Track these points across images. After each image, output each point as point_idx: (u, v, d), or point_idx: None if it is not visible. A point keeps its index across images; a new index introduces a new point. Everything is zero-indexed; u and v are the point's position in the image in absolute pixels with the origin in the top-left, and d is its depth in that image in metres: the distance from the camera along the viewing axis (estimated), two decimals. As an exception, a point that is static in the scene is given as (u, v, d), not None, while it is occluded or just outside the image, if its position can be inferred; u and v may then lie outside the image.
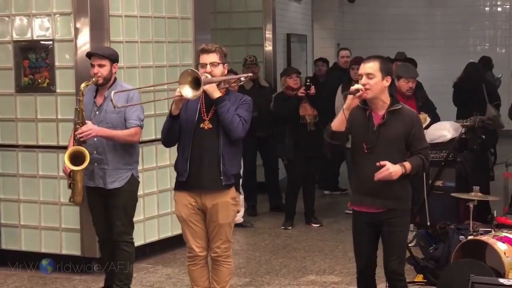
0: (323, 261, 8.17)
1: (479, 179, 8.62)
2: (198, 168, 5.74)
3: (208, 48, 5.81)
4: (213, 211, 5.80)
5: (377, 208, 5.34)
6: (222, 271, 6.00)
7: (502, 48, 18.66)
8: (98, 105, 6.37)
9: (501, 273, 6.25)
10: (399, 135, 5.31)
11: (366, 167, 5.29)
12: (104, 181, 6.35)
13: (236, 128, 5.67)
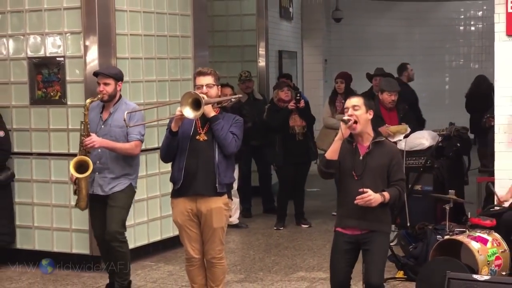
0: (312, 259, 8.16)
1: (455, 183, 8.62)
2: (193, 176, 5.76)
3: (204, 71, 5.88)
4: (208, 216, 5.80)
5: (362, 229, 5.33)
6: (217, 272, 6.01)
7: (476, 63, 18.68)
8: (104, 119, 6.38)
9: (475, 270, 6.26)
10: (383, 164, 5.35)
11: (354, 192, 5.26)
12: (103, 189, 6.35)
13: (229, 144, 5.73)
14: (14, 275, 7.68)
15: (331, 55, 16.95)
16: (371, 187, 5.23)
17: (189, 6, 8.78)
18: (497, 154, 7.84)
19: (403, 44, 18.17)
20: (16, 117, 8.01)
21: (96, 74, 6.48)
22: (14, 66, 8.00)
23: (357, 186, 5.25)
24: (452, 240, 6.62)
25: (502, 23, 7.71)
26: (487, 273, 6.29)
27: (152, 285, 7.22)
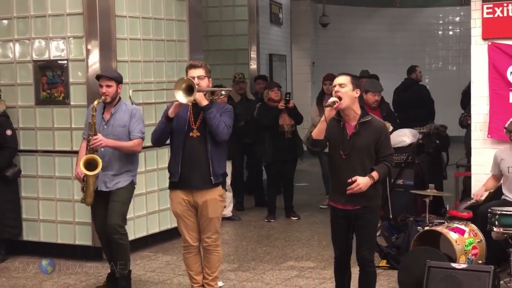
0: (301, 249, 8.16)
1: (434, 178, 8.66)
2: (189, 170, 5.80)
3: (196, 64, 5.91)
4: (204, 207, 5.83)
5: (352, 206, 5.33)
6: (212, 259, 6.04)
7: (453, 66, 18.73)
8: (106, 120, 6.35)
9: (453, 259, 6.28)
10: (370, 143, 5.32)
11: (343, 171, 5.29)
12: (106, 185, 6.33)
13: (221, 131, 5.73)
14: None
15: (319, 58, 16.96)
16: (358, 166, 5.25)
17: (185, 12, 8.77)
18: (474, 151, 7.85)
19: (385, 48, 18.21)
20: (22, 116, 8.00)
21: (98, 77, 6.46)
22: (20, 68, 7.98)
23: (345, 165, 5.27)
24: (432, 231, 6.64)
25: (478, 27, 7.72)
26: (465, 261, 6.31)
27: (151, 274, 7.22)
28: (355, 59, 16.33)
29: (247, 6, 12.54)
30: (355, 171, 5.24)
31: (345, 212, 5.38)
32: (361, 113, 5.37)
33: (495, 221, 6.43)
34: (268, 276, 7.11)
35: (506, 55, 7.59)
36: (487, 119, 7.70)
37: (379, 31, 18.35)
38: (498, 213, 6.43)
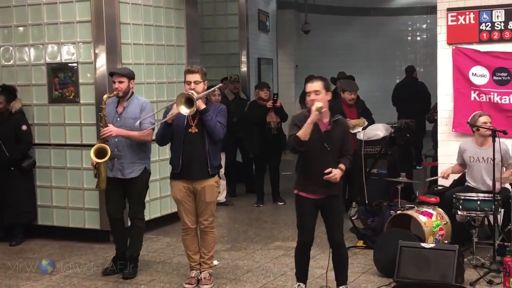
0: (286, 231, 8.14)
1: (405, 167, 8.65)
2: (189, 162, 5.79)
3: (193, 69, 5.87)
4: (202, 193, 5.84)
5: (324, 194, 5.31)
6: (208, 240, 6.05)
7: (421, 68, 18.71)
8: (119, 113, 6.29)
9: (422, 239, 6.27)
10: (339, 138, 5.37)
11: (318, 164, 5.26)
12: (122, 173, 6.26)
13: (218, 132, 5.76)
14: (36, 247, 7.64)
15: (301, 61, 16.97)
16: (330, 158, 5.27)
17: (182, 20, 8.74)
18: (440, 143, 7.88)
19: (361, 52, 18.23)
20: (37, 113, 7.95)
21: (111, 74, 6.41)
22: (35, 70, 7.92)
23: (319, 159, 5.25)
24: (403, 214, 6.64)
25: (443, 33, 7.73)
26: (433, 241, 6.31)
27: (153, 254, 7.18)
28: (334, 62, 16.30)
29: (238, 15, 12.57)
30: (329, 163, 5.25)
31: (316, 201, 5.35)
32: (331, 113, 5.40)
33: (459, 205, 6.46)
34: (258, 255, 7.08)
35: (468, 58, 7.62)
36: (452, 115, 7.73)
37: (355, 37, 18.37)
38: (462, 198, 6.46)
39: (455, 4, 7.62)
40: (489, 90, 7.52)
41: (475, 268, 6.18)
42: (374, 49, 18.54)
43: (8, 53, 8.05)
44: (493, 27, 7.48)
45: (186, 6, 8.76)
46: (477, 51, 7.56)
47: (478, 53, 7.56)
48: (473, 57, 7.58)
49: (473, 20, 7.56)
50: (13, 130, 7.68)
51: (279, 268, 6.57)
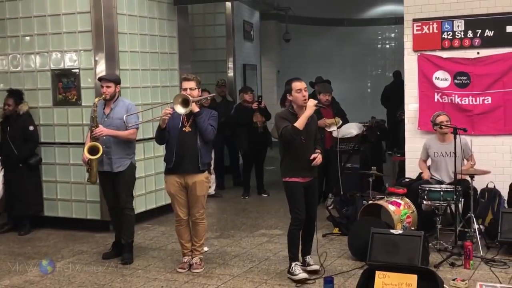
0: (270, 220, 8.14)
1: (376, 162, 8.69)
2: (182, 158, 5.79)
3: (188, 77, 5.90)
4: (193, 187, 5.83)
5: (310, 177, 5.60)
6: (199, 229, 6.05)
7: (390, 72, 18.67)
8: (107, 114, 6.31)
9: (392, 226, 6.30)
10: (314, 130, 5.68)
11: (303, 152, 5.54)
12: (111, 167, 6.29)
13: (209, 133, 5.80)
14: (43, 236, 7.59)
15: (282, 67, 16.96)
16: (310, 147, 5.59)
17: (175, 30, 8.72)
18: (407, 140, 7.90)
19: (336, 58, 18.24)
20: (43, 115, 7.89)
21: (100, 79, 6.43)
22: (40, 76, 7.86)
23: (304, 148, 5.54)
24: (375, 204, 6.66)
25: (409, 41, 7.76)
26: (401, 228, 6.34)
27: (149, 242, 7.15)
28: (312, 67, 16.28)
29: (225, 25, 12.55)
30: (310, 151, 5.55)
31: (304, 183, 5.59)
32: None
33: (425, 195, 6.49)
34: (244, 242, 7.07)
35: (431, 63, 7.65)
36: (417, 115, 7.76)
37: (331, 45, 18.38)
38: (427, 189, 6.49)
39: (420, 15, 7.65)
40: (451, 92, 7.56)
41: (439, 252, 6.22)
42: (348, 56, 18.56)
43: (16, 60, 7.99)
44: (454, 35, 7.51)
45: (178, 17, 8.75)
46: (439, 57, 7.59)
47: (441, 59, 7.59)
48: (436, 63, 7.61)
49: (436, 30, 7.59)
50: (21, 130, 7.64)
51: (263, 253, 6.57)
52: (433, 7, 7.58)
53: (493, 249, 6.32)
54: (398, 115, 9.45)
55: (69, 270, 6.14)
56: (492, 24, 7.31)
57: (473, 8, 7.39)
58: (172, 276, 5.85)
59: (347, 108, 9.53)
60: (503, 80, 7.32)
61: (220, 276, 5.82)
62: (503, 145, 7.27)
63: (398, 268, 4.64)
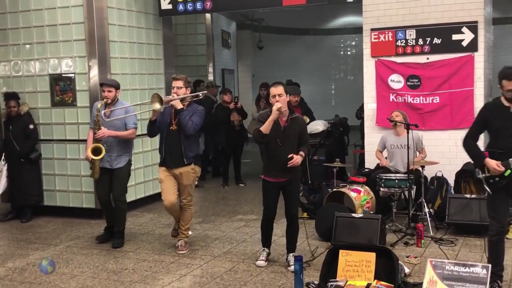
0: (246, 206, 8.15)
1: (339, 154, 8.73)
2: (169, 153, 5.78)
3: (177, 77, 5.84)
4: (180, 177, 5.82)
5: (284, 178, 5.27)
6: (186, 214, 6.03)
7: (351, 76, 18.92)
8: (107, 115, 6.20)
9: (353, 210, 6.34)
10: (296, 132, 5.29)
11: (278, 154, 5.21)
12: (110, 164, 6.21)
13: (188, 129, 5.68)
14: (43, 223, 7.50)
15: (257, 71, 16.96)
16: (289, 149, 5.19)
17: (160, 38, 8.65)
18: (366, 135, 7.96)
19: (304, 64, 18.31)
20: (42, 115, 7.79)
21: (101, 84, 6.35)
22: (40, 80, 7.75)
23: (280, 150, 5.20)
24: (338, 191, 6.70)
25: (368, 49, 7.80)
26: (361, 212, 6.38)
27: (139, 227, 7.11)
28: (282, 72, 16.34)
29: (205, 34, 12.53)
30: (287, 153, 5.17)
31: (278, 183, 5.30)
32: (290, 112, 5.34)
33: (382, 183, 6.54)
34: (224, 226, 7.07)
35: (387, 68, 7.70)
36: (375, 113, 7.81)
37: (299, 52, 18.44)
38: (384, 178, 6.54)
39: (377, 25, 7.69)
40: (404, 93, 7.62)
41: (394, 232, 6.28)
42: (314, 62, 18.65)
43: (18, 66, 7.87)
44: (407, 43, 7.57)
45: (163, 27, 8.68)
46: (394, 62, 7.65)
47: (395, 63, 7.64)
48: (391, 67, 7.66)
49: (391, 38, 7.64)
50: (22, 129, 7.55)
51: (240, 236, 6.57)
52: (388, 18, 7.63)
53: (441, 230, 6.41)
54: (358, 113, 9.50)
55: (67, 253, 6.08)
56: (440, 33, 7.39)
57: (423, 19, 7.47)
58: (159, 258, 5.82)
59: (314, 107, 9.57)
60: (449, 82, 7.40)
61: (203, 256, 5.81)
62: (450, 139, 7.36)
63: (359, 247, 4.67)
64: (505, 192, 4.38)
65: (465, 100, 7.28)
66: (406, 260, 5.37)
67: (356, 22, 16.72)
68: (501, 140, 4.35)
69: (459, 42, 7.30)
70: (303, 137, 5.33)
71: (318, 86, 17.93)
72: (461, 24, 7.27)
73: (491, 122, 4.41)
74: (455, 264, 4.22)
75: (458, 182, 6.86)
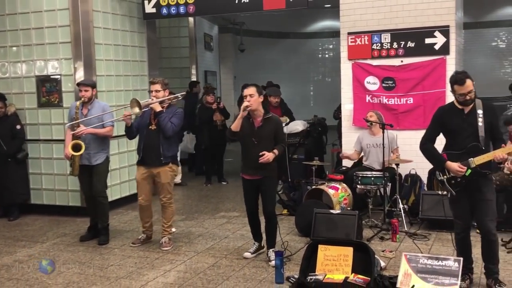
0: (229, 204, 8.13)
1: (318, 153, 8.75)
2: (148, 152, 5.75)
3: (154, 81, 5.82)
4: (158, 176, 5.80)
5: (259, 176, 5.26)
6: (168, 212, 5.98)
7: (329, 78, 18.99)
8: (85, 114, 6.16)
9: (331, 207, 6.36)
10: (271, 133, 5.27)
11: (253, 152, 5.21)
12: (89, 161, 6.16)
13: (168, 130, 5.68)
14: (30, 221, 7.40)
15: (238, 73, 16.94)
16: (264, 147, 5.18)
17: (144, 41, 8.58)
18: (343, 134, 7.98)
19: (284, 66, 18.34)
20: (28, 115, 7.68)
21: (78, 84, 6.31)
22: (26, 82, 7.65)
23: (254, 148, 5.20)
24: (317, 189, 6.72)
25: (345, 52, 7.83)
26: (339, 208, 6.40)
27: (123, 225, 7.05)
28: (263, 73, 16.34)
29: (188, 37, 12.48)
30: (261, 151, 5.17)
31: (253, 181, 5.30)
32: (265, 112, 5.34)
33: (358, 181, 6.57)
34: (207, 223, 7.04)
35: (363, 70, 7.74)
36: (352, 113, 7.84)
37: (279, 54, 18.47)
38: (360, 176, 6.58)
39: (353, 30, 7.73)
40: (379, 94, 7.66)
41: (370, 228, 6.32)
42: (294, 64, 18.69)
43: (4, 68, 7.75)
44: (382, 46, 7.61)
45: (147, 30, 8.62)
46: (370, 64, 7.69)
47: (371, 66, 7.68)
48: (367, 69, 7.70)
49: (367, 41, 7.67)
50: (9, 129, 7.44)
51: (223, 232, 6.55)
52: (364, 23, 7.67)
53: (415, 225, 6.46)
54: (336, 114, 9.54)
55: (54, 250, 6.00)
56: (414, 37, 7.44)
57: (397, 24, 7.52)
58: (144, 254, 5.78)
59: (293, 108, 9.58)
60: (422, 83, 7.46)
61: (186, 252, 5.78)
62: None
63: (337, 242, 4.68)
64: (466, 191, 4.42)
65: (438, 101, 7.34)
66: (382, 254, 5.40)
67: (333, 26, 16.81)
68: (459, 141, 4.39)
69: (432, 46, 7.36)
70: (278, 136, 5.30)
71: (297, 88, 17.97)
72: (433, 28, 7.33)
73: (448, 124, 4.44)
74: (428, 257, 4.26)
75: (431, 180, 6.92)
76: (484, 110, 4.37)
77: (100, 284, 4.91)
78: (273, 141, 5.27)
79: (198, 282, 4.89)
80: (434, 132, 4.56)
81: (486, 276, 4.54)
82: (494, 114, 4.44)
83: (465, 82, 4.29)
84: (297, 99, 15.99)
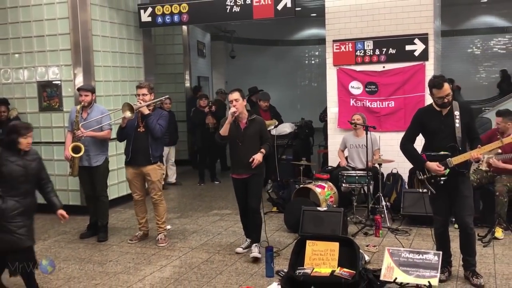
0: (221, 202, 8.12)
1: (305, 154, 8.77)
2: (136, 153, 5.75)
3: (141, 85, 5.82)
4: (148, 174, 5.81)
5: (247, 174, 5.28)
6: (159, 209, 5.99)
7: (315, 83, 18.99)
8: (84, 118, 6.15)
9: (318, 204, 6.37)
10: (256, 133, 5.31)
11: (240, 152, 5.26)
12: (89, 162, 6.15)
13: (156, 132, 5.70)
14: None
15: (230, 79, 16.90)
16: (250, 148, 5.23)
17: (141, 48, 8.56)
18: (329, 136, 8.02)
19: (272, 72, 18.33)
20: (30, 119, 7.61)
21: (79, 89, 6.28)
22: (28, 87, 7.61)
23: (240, 148, 5.26)
24: (305, 187, 6.73)
25: (330, 58, 7.86)
26: (325, 206, 6.41)
27: (122, 223, 7.02)
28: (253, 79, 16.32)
29: (182, 44, 12.43)
30: (248, 152, 5.21)
31: (242, 180, 5.33)
32: (249, 114, 5.37)
33: (343, 179, 6.59)
34: (201, 220, 7.03)
35: (347, 75, 7.77)
36: (337, 116, 7.87)
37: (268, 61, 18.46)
38: (345, 175, 6.60)
39: (338, 37, 7.76)
40: (363, 98, 7.70)
41: (355, 224, 6.34)
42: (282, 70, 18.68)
43: (7, 74, 7.71)
44: (365, 53, 7.65)
45: (143, 38, 8.60)
46: (354, 70, 7.72)
47: (355, 71, 7.72)
48: (351, 75, 7.74)
49: (351, 48, 7.71)
50: (11, 132, 7.38)
51: (216, 229, 6.54)
52: (348, 31, 7.70)
53: (397, 221, 6.49)
54: (322, 117, 9.57)
55: (55, 247, 5.97)
56: (395, 44, 7.49)
57: (379, 32, 7.56)
58: (141, 250, 5.76)
59: (282, 111, 9.59)
60: (403, 88, 7.51)
61: (181, 248, 5.77)
62: (404, 139, 7.45)
63: (324, 237, 4.69)
64: (445, 189, 4.45)
65: (417, 104, 7.37)
66: (366, 248, 5.42)
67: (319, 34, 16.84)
68: (437, 141, 4.41)
69: (412, 52, 7.41)
70: (263, 136, 5.35)
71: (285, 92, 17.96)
72: (413, 36, 7.38)
73: (427, 124, 4.46)
74: (410, 251, 4.28)
75: (411, 178, 6.95)
76: (461, 111, 4.40)
77: (100, 279, 4.89)
78: (259, 140, 5.32)
79: (193, 276, 4.88)
80: (414, 132, 4.58)
81: (464, 269, 4.57)
82: (470, 116, 4.47)
83: (443, 86, 4.32)
84: (285, 103, 15.97)
